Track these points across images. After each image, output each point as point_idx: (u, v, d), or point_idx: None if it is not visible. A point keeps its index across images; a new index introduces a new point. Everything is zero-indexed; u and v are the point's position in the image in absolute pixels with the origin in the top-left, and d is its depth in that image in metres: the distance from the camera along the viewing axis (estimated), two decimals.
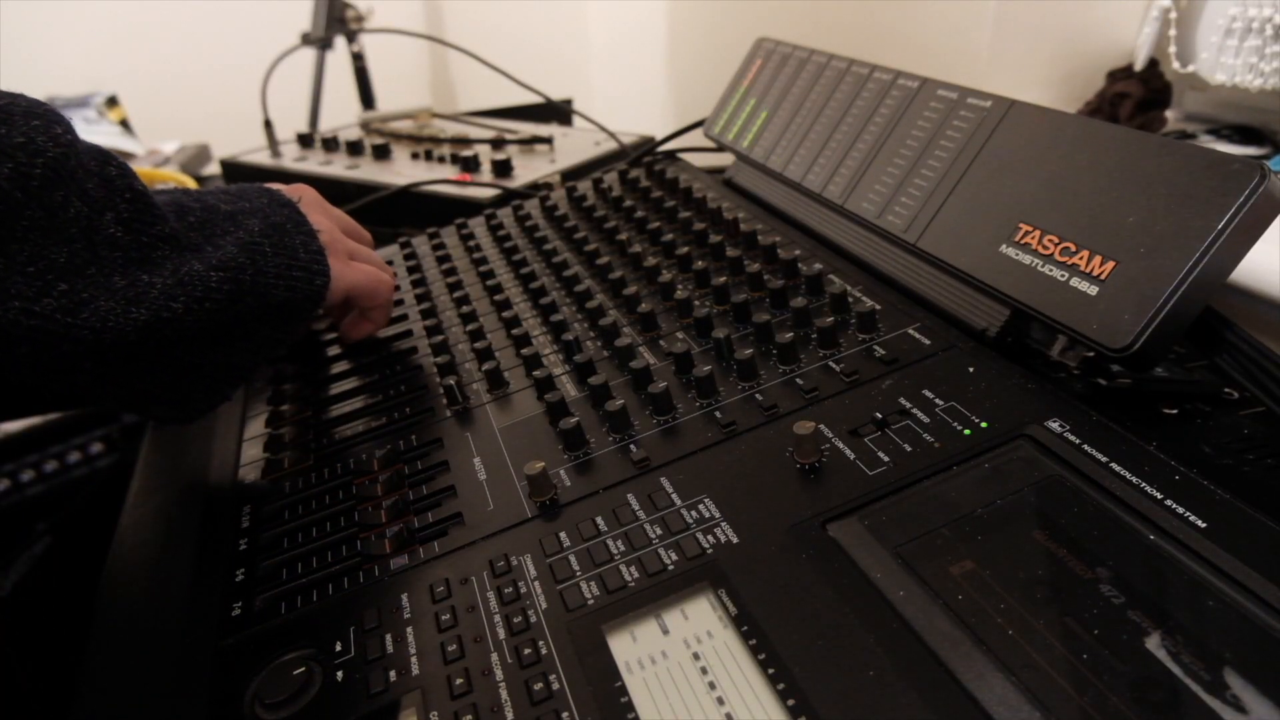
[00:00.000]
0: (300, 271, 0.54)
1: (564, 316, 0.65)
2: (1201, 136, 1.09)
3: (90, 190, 0.46)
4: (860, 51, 0.74)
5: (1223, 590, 0.34)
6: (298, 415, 0.62)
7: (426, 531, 0.47)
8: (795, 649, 0.35)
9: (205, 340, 0.50)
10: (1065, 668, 0.32)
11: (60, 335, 0.43)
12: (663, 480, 0.46)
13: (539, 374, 0.57)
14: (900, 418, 0.46)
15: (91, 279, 0.44)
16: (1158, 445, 0.40)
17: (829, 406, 0.49)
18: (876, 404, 0.48)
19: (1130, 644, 0.32)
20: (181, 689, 0.41)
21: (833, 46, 0.77)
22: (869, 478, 0.43)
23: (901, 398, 0.48)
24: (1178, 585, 0.34)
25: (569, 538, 0.44)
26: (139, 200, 0.48)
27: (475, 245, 0.83)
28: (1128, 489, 0.38)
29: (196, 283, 0.48)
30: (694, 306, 0.61)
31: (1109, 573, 0.35)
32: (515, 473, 0.50)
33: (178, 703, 0.40)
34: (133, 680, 0.42)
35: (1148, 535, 0.36)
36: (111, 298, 0.45)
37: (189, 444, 0.62)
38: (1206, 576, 0.34)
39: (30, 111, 0.45)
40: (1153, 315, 0.42)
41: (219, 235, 0.51)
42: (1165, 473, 0.39)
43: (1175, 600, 0.34)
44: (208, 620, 0.44)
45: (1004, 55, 1.19)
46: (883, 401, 0.48)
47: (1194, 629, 0.32)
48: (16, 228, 0.42)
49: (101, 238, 0.45)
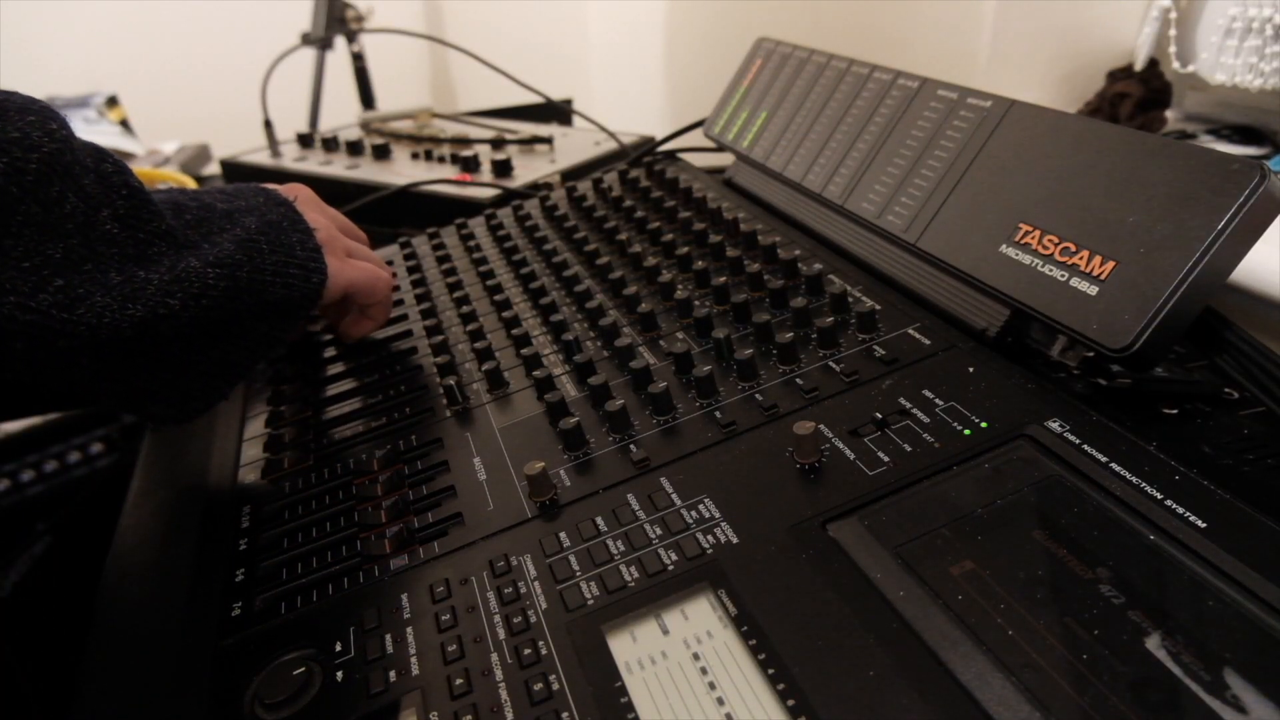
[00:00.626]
0: (297, 269, 0.54)
1: (564, 316, 0.65)
2: (1201, 136, 1.09)
3: (86, 186, 0.46)
4: (859, 52, 0.74)
5: (1223, 590, 0.34)
6: (297, 415, 0.62)
7: (426, 532, 0.47)
8: (795, 649, 0.35)
9: (202, 337, 0.50)
10: (1065, 667, 0.32)
11: (56, 331, 0.43)
12: (663, 480, 0.46)
13: (539, 374, 0.57)
14: (900, 418, 0.46)
15: (88, 275, 0.44)
16: (1158, 445, 0.40)
17: (829, 406, 0.49)
18: (876, 404, 0.48)
19: (1130, 644, 0.32)
20: (181, 688, 0.41)
21: (832, 47, 0.77)
22: (869, 478, 0.43)
23: (901, 398, 0.48)
24: (1178, 585, 0.34)
25: (569, 538, 0.44)
26: (135, 197, 0.48)
27: (475, 245, 0.83)
28: (1128, 489, 0.38)
29: (193, 279, 0.48)
30: (694, 306, 0.61)
31: (1109, 573, 0.35)
32: (515, 473, 0.50)
33: (178, 702, 0.40)
34: (133, 680, 0.42)
35: (1148, 535, 0.36)
36: (108, 294, 0.45)
37: (189, 444, 0.62)
38: (1206, 577, 0.34)
39: (25, 108, 0.45)
40: (1153, 315, 0.42)
41: (216, 233, 0.51)
42: (1165, 473, 0.39)
43: (1175, 600, 0.34)
44: (207, 620, 0.44)
45: (1004, 55, 1.19)
46: (883, 401, 0.48)
47: (1194, 629, 0.32)
48: (12, 223, 0.42)
49: (98, 234, 0.45)
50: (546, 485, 0.47)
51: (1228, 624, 0.32)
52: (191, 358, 0.50)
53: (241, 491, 0.55)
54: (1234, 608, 0.33)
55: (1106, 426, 0.42)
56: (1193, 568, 0.35)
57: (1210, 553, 0.35)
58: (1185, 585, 0.34)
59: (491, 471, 0.51)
